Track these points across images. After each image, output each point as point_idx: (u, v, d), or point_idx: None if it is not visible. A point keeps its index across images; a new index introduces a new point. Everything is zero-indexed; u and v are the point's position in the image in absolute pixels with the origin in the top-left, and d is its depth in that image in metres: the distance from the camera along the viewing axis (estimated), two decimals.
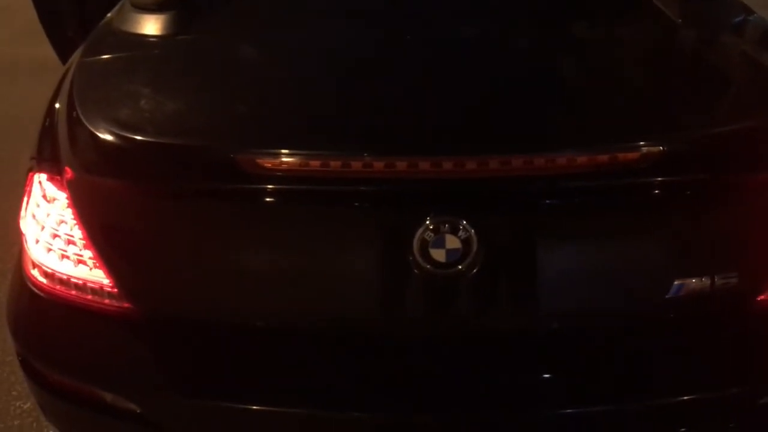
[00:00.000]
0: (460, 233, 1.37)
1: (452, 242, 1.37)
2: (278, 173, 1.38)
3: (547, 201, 1.42)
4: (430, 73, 1.59)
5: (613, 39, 1.80)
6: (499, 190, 1.41)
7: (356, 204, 1.42)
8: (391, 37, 1.75)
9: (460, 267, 1.38)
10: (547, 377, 1.44)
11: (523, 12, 1.90)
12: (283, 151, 1.38)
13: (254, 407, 1.43)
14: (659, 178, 1.40)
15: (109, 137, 1.46)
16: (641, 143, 1.38)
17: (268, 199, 1.42)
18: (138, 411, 1.48)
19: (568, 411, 1.41)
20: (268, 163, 1.38)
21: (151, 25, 1.85)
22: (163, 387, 1.48)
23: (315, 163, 1.38)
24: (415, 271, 1.38)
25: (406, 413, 1.41)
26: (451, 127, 1.44)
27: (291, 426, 1.46)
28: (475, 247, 1.37)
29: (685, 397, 1.43)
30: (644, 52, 1.74)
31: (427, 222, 1.37)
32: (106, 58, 1.81)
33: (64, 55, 2.76)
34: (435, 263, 1.38)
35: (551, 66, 1.65)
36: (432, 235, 1.37)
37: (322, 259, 1.42)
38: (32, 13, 2.92)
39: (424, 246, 1.37)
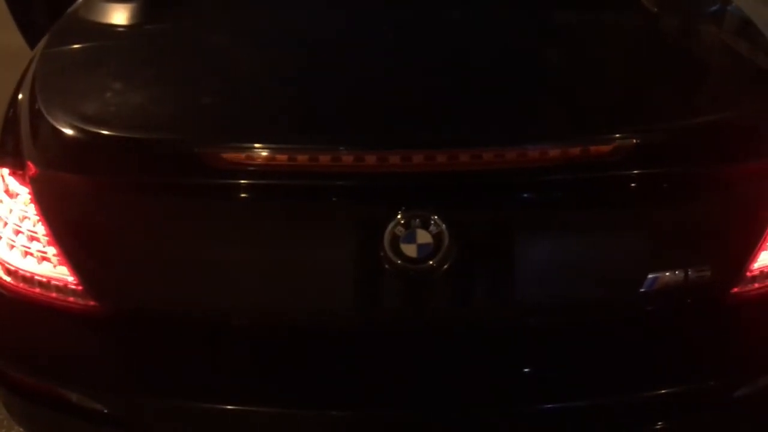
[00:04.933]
0: (432, 228, 1.35)
1: (423, 237, 1.35)
2: (244, 168, 1.35)
3: (519, 194, 1.40)
4: (401, 63, 1.56)
5: (588, 29, 1.77)
6: (470, 184, 1.38)
7: (325, 199, 1.39)
8: (360, 28, 1.71)
9: (431, 262, 1.36)
10: (522, 372, 1.42)
11: None
12: (249, 145, 1.34)
13: (223, 406, 1.40)
14: (632, 171, 1.38)
15: (71, 131, 1.42)
16: (614, 136, 1.36)
17: (234, 195, 1.39)
18: (104, 411, 1.45)
19: (545, 406, 1.40)
20: (233, 157, 1.35)
21: (116, 14, 1.80)
22: (129, 386, 1.45)
23: (283, 158, 1.35)
24: (386, 266, 1.36)
25: (379, 409, 1.39)
26: (421, 119, 1.41)
27: (264, 424, 1.44)
28: (446, 241, 1.35)
29: (662, 391, 1.42)
30: (618, 42, 1.72)
31: (398, 217, 1.35)
32: (70, 48, 1.76)
33: (33, 43, 2.70)
34: (406, 258, 1.36)
35: (523, 56, 1.62)
36: (403, 230, 1.35)
37: (292, 255, 1.39)
38: None
39: (395, 241, 1.35)
